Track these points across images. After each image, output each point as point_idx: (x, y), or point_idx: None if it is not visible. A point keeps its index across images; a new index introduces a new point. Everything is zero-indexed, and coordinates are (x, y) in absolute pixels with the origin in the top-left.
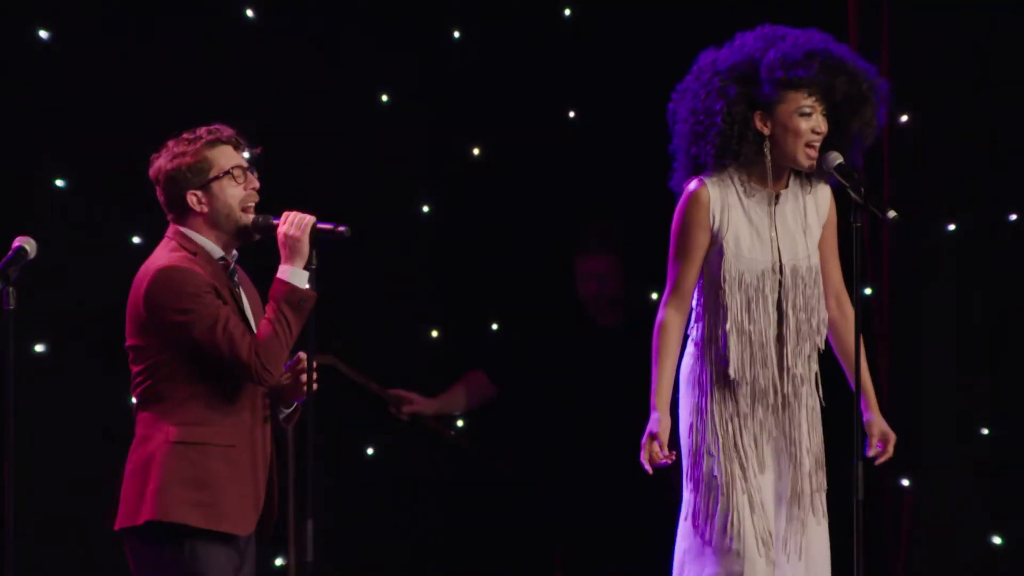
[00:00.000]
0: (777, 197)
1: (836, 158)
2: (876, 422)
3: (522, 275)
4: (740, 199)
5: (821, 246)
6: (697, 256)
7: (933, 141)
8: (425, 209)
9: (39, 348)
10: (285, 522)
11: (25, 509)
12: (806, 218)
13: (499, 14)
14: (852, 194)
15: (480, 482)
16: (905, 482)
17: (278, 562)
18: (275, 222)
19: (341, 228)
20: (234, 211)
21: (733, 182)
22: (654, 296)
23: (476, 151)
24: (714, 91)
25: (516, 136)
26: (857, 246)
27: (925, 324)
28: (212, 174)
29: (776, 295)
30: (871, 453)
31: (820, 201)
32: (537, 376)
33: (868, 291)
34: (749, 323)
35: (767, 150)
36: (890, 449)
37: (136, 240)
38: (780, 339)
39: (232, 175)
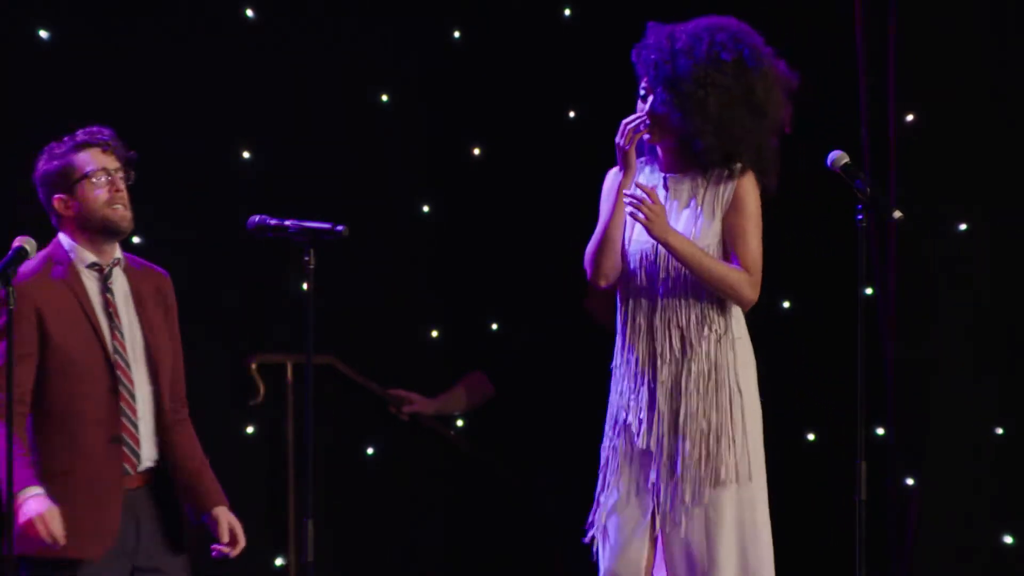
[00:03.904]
0: (664, 181)
1: (842, 158)
2: None
3: (522, 275)
4: (639, 181)
5: (725, 232)
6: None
7: (940, 140)
8: (425, 209)
9: None
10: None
11: None
12: (701, 206)
13: (499, 14)
14: (858, 194)
15: (480, 482)
16: (910, 481)
17: (278, 562)
18: (271, 223)
19: (339, 228)
20: (98, 212)
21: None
22: None
23: (476, 151)
24: None
25: (516, 136)
26: (862, 246)
27: (933, 324)
28: (75, 177)
29: (655, 270)
30: None
31: (724, 191)
32: (537, 376)
33: (868, 291)
34: (630, 293)
35: None
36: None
37: (136, 240)
38: (653, 308)
39: (90, 178)
